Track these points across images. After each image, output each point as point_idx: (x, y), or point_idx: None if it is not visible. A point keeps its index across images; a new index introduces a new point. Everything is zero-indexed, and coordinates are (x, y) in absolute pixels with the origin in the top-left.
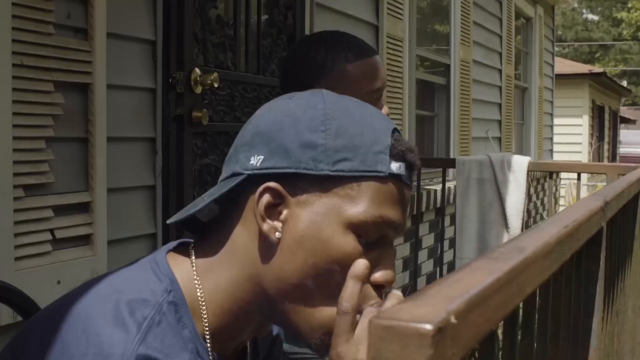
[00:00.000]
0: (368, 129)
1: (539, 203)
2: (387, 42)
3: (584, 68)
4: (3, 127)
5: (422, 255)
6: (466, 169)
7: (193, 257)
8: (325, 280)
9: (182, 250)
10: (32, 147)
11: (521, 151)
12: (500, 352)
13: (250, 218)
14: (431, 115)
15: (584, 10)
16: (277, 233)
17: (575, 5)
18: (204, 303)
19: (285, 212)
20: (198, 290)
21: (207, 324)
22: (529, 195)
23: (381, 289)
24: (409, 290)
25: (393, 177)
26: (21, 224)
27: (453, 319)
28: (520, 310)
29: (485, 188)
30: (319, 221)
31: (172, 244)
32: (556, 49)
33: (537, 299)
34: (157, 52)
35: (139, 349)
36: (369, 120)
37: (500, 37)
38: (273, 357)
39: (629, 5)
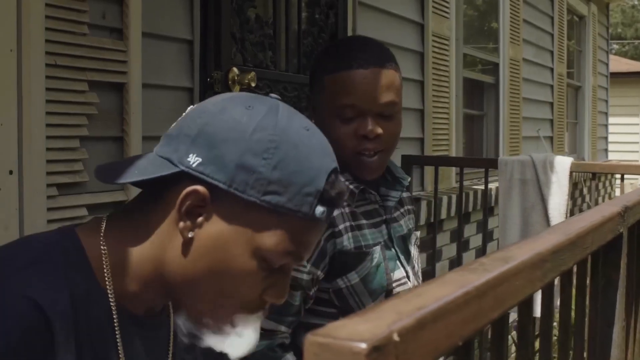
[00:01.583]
0: (306, 168)
1: (592, 204)
2: (433, 40)
3: None
4: (36, 126)
5: (468, 256)
6: (508, 170)
7: (103, 223)
8: (219, 287)
9: (97, 219)
10: (66, 146)
11: (575, 150)
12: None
13: (170, 208)
14: (480, 114)
15: None
16: (190, 233)
17: (635, 2)
18: (107, 263)
19: (203, 217)
20: (103, 250)
21: (109, 280)
22: (582, 195)
23: (265, 306)
24: None
25: (313, 219)
26: (54, 222)
27: (396, 337)
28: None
29: (527, 189)
30: (232, 238)
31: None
32: (615, 47)
33: (541, 308)
34: (195, 52)
35: (7, 282)
36: (311, 157)
37: (552, 35)
38: None
39: None
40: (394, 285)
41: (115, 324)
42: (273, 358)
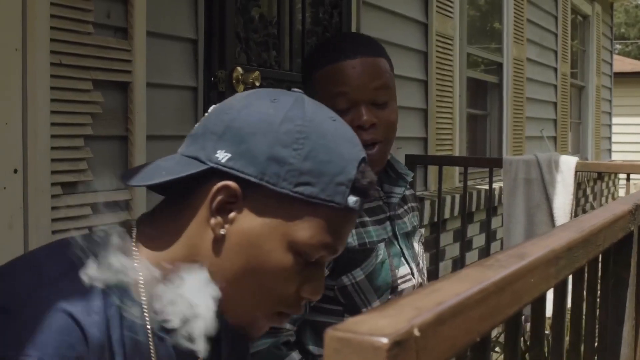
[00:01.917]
0: (337, 157)
1: (595, 205)
2: (437, 40)
3: None
4: (41, 125)
5: (472, 256)
6: (513, 169)
7: (134, 230)
8: (257, 285)
9: (126, 224)
10: (71, 145)
11: (578, 150)
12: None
13: (200, 206)
14: (483, 114)
15: None
16: (221, 230)
17: (639, 1)
18: (140, 271)
19: (235, 213)
20: (135, 257)
21: (143, 289)
22: (585, 195)
23: (303, 301)
24: None
25: (347, 209)
26: (59, 221)
27: (417, 332)
28: (530, 319)
29: (532, 188)
30: (265, 233)
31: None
32: (619, 46)
33: (553, 306)
34: (199, 51)
35: (42, 293)
36: (340, 146)
37: (556, 35)
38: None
39: None
40: (398, 282)
41: (149, 334)
42: (278, 356)
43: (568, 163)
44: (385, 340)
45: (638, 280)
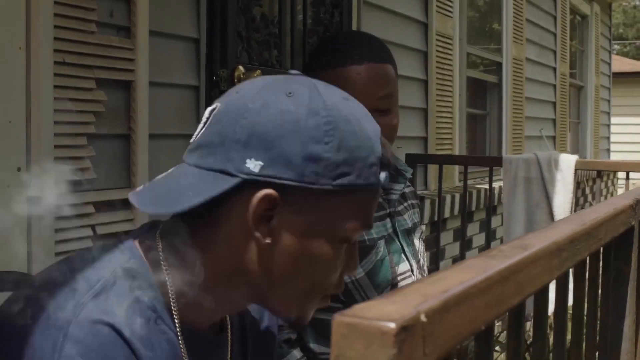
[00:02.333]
0: (364, 139)
1: (594, 203)
2: (437, 39)
3: None
4: (45, 124)
5: (472, 255)
6: (513, 168)
7: (159, 242)
8: (308, 277)
9: (149, 233)
10: (74, 143)
11: (577, 150)
12: (505, 354)
13: (236, 219)
14: (483, 113)
15: None
16: (267, 239)
17: (637, 2)
18: (170, 280)
19: (277, 218)
20: (164, 266)
21: (174, 299)
22: (584, 195)
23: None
24: None
25: (379, 186)
26: (62, 219)
27: (423, 318)
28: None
29: (532, 187)
30: (310, 231)
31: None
32: (617, 47)
33: (555, 299)
34: (201, 50)
35: (83, 310)
36: (363, 127)
37: (555, 34)
38: (267, 334)
39: None
40: (398, 278)
41: (181, 344)
42: (279, 354)
43: (568, 161)
44: (392, 325)
45: (639, 275)
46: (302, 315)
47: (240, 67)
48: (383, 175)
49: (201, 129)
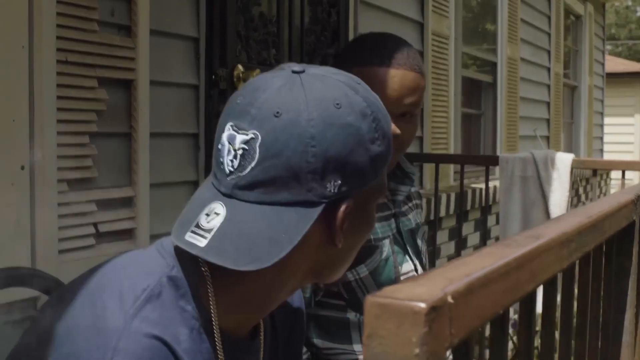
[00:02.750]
0: (387, 115)
1: (588, 203)
2: (432, 39)
3: (636, 67)
4: (48, 122)
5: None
6: (509, 167)
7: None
8: (356, 250)
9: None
10: (76, 142)
11: (570, 150)
12: (515, 338)
13: (312, 234)
14: (478, 113)
15: (638, 8)
16: (341, 244)
17: (629, 2)
18: (211, 287)
19: (348, 222)
20: (205, 273)
21: (213, 306)
22: (577, 195)
23: None
24: None
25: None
26: (65, 217)
27: (450, 299)
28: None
29: (528, 186)
30: (364, 216)
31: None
32: (609, 47)
33: (560, 288)
34: (200, 49)
35: (133, 323)
36: (380, 103)
37: (549, 35)
38: (296, 331)
39: None
40: (402, 278)
41: (220, 353)
42: None
43: (564, 160)
44: (423, 305)
45: (639, 270)
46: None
47: (240, 67)
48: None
49: (247, 164)
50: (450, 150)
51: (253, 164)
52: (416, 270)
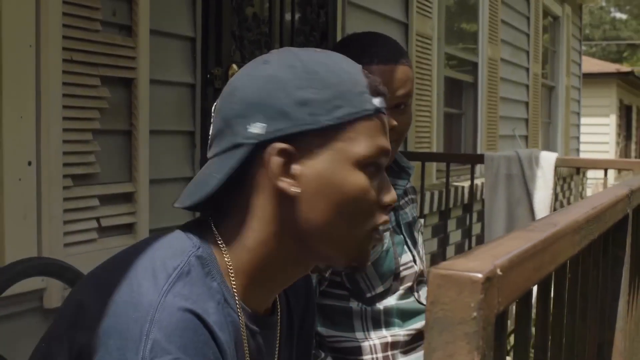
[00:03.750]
0: (344, 74)
1: (565, 202)
2: (417, 40)
3: (611, 67)
4: (54, 119)
5: (450, 251)
6: (495, 165)
7: (213, 228)
8: (348, 214)
9: (201, 224)
10: (80, 138)
11: (548, 150)
12: (534, 312)
13: (262, 182)
14: (459, 113)
15: (612, 9)
16: (295, 189)
17: (603, 3)
18: (230, 263)
19: (296, 167)
20: (224, 252)
21: (234, 282)
22: (555, 193)
23: (388, 208)
24: None
25: (377, 111)
26: (70, 212)
27: (499, 272)
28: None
29: (513, 184)
30: (331, 167)
31: (190, 222)
32: (583, 48)
33: (568, 274)
34: (197, 49)
35: (167, 297)
36: (341, 64)
37: (528, 35)
38: (309, 314)
39: None
40: (401, 268)
41: (243, 329)
42: None
43: (548, 159)
44: (480, 275)
45: (632, 259)
46: (362, 257)
47: (234, 66)
48: (377, 100)
49: (212, 128)
50: (434, 149)
51: (211, 126)
52: (414, 261)
